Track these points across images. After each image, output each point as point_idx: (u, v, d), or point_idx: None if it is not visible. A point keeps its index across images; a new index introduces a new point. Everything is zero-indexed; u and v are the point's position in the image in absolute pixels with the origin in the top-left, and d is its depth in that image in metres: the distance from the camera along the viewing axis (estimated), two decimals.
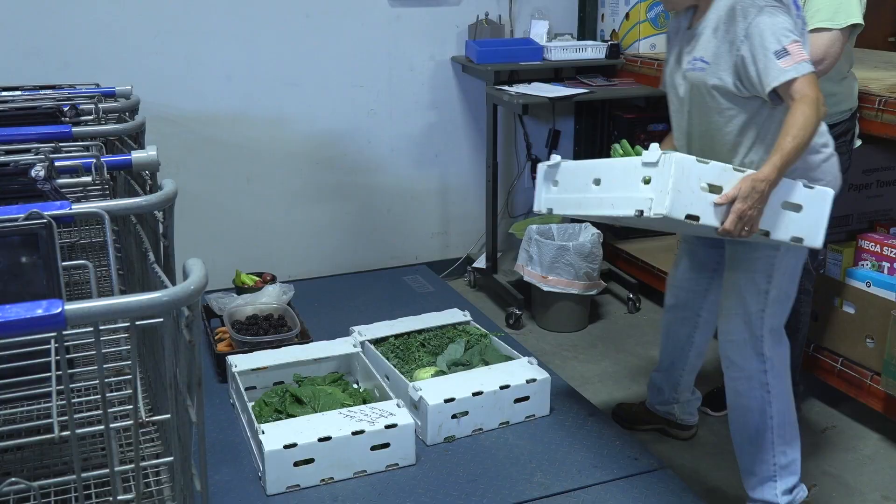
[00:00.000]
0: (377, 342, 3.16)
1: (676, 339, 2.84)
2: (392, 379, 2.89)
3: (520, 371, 2.89)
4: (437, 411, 2.70)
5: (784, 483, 2.45)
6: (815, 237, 2.19)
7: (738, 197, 2.05)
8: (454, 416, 2.74)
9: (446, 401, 2.72)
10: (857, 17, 2.57)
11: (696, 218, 2.07)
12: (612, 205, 2.22)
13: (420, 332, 3.24)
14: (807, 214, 2.17)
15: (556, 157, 2.50)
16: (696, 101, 2.34)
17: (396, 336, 3.21)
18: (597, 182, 2.30)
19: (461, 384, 2.79)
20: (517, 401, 2.83)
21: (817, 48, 2.50)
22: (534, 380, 2.85)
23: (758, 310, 2.35)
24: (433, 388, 2.76)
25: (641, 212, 2.10)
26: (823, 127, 2.31)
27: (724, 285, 2.45)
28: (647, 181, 2.11)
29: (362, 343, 3.12)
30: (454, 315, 3.36)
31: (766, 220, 2.12)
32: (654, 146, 2.13)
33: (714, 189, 2.09)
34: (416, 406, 2.73)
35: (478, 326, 3.29)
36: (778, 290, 2.35)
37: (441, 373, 2.93)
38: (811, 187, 2.18)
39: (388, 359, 3.01)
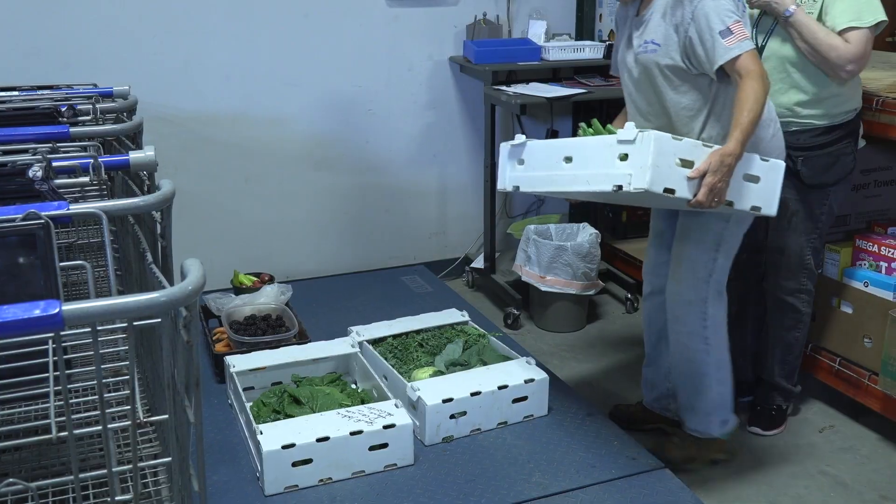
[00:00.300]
0: (375, 342, 3.15)
1: (658, 327, 2.89)
2: (390, 379, 2.88)
3: (518, 371, 2.89)
4: (435, 411, 2.70)
5: (719, 416, 2.73)
6: (771, 206, 2.38)
7: (708, 171, 2.22)
8: (452, 417, 2.74)
9: (444, 401, 2.71)
10: (882, 14, 2.62)
11: (673, 191, 2.22)
12: (588, 181, 2.34)
13: (418, 332, 3.24)
14: (764, 185, 2.36)
15: (520, 137, 2.62)
16: (651, 82, 2.50)
17: (394, 336, 3.20)
18: (568, 160, 2.42)
19: (459, 384, 2.79)
20: (515, 401, 2.83)
21: (852, 48, 2.58)
22: (532, 380, 2.85)
23: (706, 275, 2.58)
24: (431, 388, 2.76)
25: (620, 186, 2.22)
26: (771, 104, 2.51)
27: (674, 252, 2.63)
28: (623, 158, 2.23)
29: (360, 343, 3.12)
30: (452, 315, 3.36)
31: (730, 191, 2.28)
32: (630, 125, 2.26)
33: (686, 164, 2.23)
34: (414, 406, 2.73)
35: (476, 326, 3.29)
36: (724, 257, 2.57)
37: (439, 373, 2.93)
38: (766, 160, 2.37)
39: (386, 359, 3.01)
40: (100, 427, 1.14)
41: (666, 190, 2.21)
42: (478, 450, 2.70)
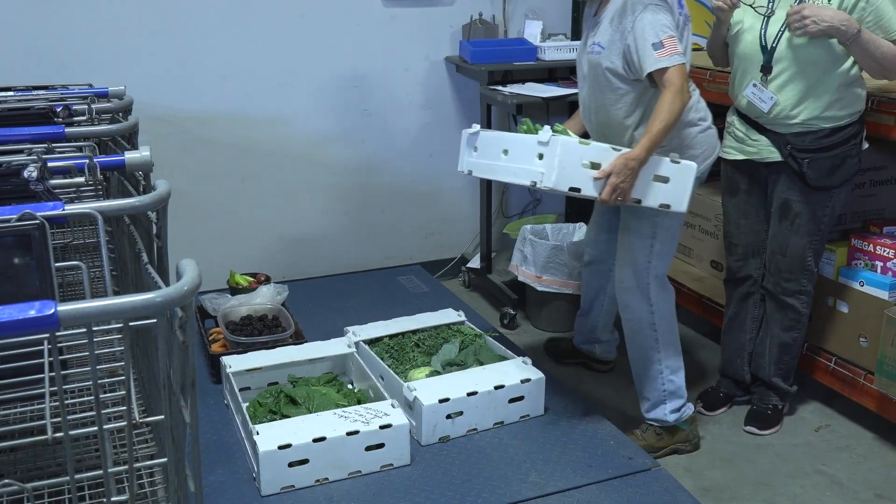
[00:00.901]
0: (371, 342, 3.16)
1: (593, 290, 3.29)
2: (386, 379, 2.89)
3: (514, 371, 2.89)
4: (431, 411, 2.70)
5: (672, 404, 2.86)
6: (681, 204, 2.60)
7: (612, 172, 2.46)
8: (449, 417, 2.74)
9: (441, 401, 2.72)
10: None
11: (578, 190, 2.48)
12: (515, 174, 2.61)
13: (414, 332, 3.24)
14: (674, 185, 2.57)
15: (475, 127, 2.83)
16: (595, 80, 2.72)
17: (391, 336, 3.21)
18: (505, 152, 2.68)
19: (456, 384, 2.80)
20: (512, 401, 2.83)
21: None
22: (528, 380, 2.85)
23: (644, 261, 2.78)
24: (428, 388, 2.76)
25: (535, 182, 2.50)
26: (702, 104, 2.76)
27: (619, 243, 2.86)
28: (540, 157, 2.50)
29: (356, 343, 3.12)
30: (448, 315, 3.36)
31: (638, 189, 2.53)
32: (547, 128, 2.51)
33: (595, 166, 2.48)
34: (410, 406, 2.73)
35: (472, 326, 3.29)
36: (661, 245, 2.77)
37: (435, 373, 2.93)
38: (677, 162, 2.57)
39: (382, 359, 3.01)
40: (95, 428, 1.14)
41: (571, 189, 2.48)
42: (474, 449, 2.70)
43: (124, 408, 1.18)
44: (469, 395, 2.76)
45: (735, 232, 3.06)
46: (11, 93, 2.40)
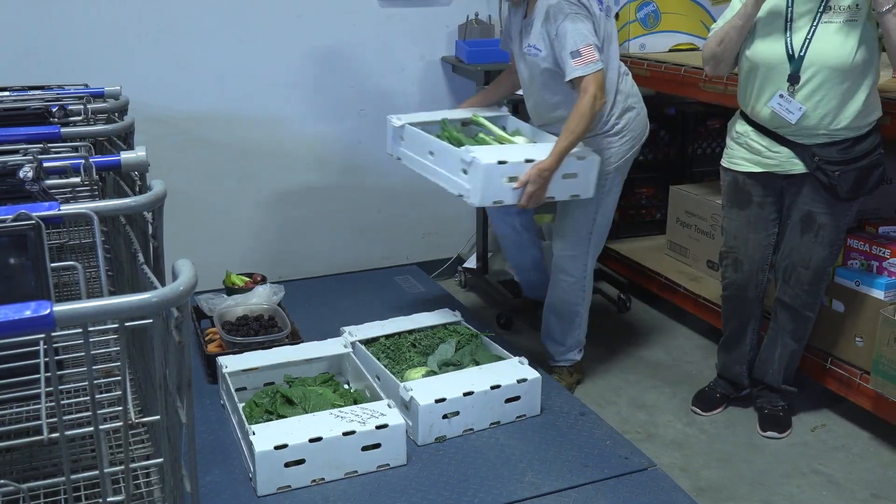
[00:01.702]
0: (368, 342, 3.15)
1: (518, 257, 3.65)
2: (383, 379, 2.89)
3: (510, 371, 2.89)
4: (428, 411, 2.70)
5: (578, 349, 3.32)
6: (588, 191, 2.92)
7: (528, 182, 2.76)
8: (445, 417, 2.74)
9: (437, 401, 2.72)
10: None
11: (501, 202, 2.81)
12: (443, 180, 2.92)
13: (411, 332, 3.24)
14: (581, 178, 2.88)
15: (400, 119, 3.17)
16: (535, 79, 3.00)
17: (387, 336, 3.21)
18: (431, 153, 2.97)
19: (452, 384, 2.80)
20: (508, 401, 2.83)
21: None
22: (524, 380, 2.85)
23: (587, 232, 3.10)
24: (424, 388, 2.76)
25: (462, 196, 2.82)
26: (635, 89, 3.06)
27: (559, 214, 3.14)
28: (465, 171, 2.78)
29: (353, 343, 3.12)
30: (445, 315, 3.36)
31: (551, 189, 2.82)
32: (466, 149, 2.79)
33: (513, 179, 2.77)
34: (406, 406, 2.73)
35: (468, 326, 3.29)
36: (602, 216, 3.09)
37: (432, 373, 2.93)
38: (583, 157, 2.86)
39: (378, 359, 3.01)
40: (91, 428, 1.14)
41: (495, 202, 2.81)
42: (471, 450, 2.70)
43: (120, 408, 1.18)
44: (465, 395, 2.76)
45: (742, 247, 2.95)
46: (7, 93, 2.39)
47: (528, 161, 2.78)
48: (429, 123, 3.24)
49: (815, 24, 2.58)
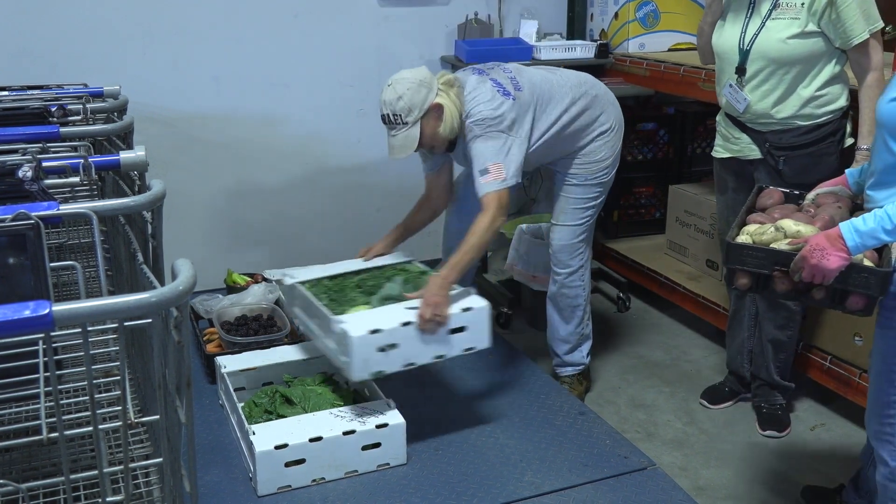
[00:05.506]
0: (309, 284, 2.90)
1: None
2: (320, 318, 2.69)
3: (455, 300, 2.69)
4: (362, 344, 2.50)
5: (586, 347, 3.30)
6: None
7: (426, 306, 2.55)
8: (382, 350, 2.53)
9: (371, 332, 2.51)
10: (880, 20, 2.62)
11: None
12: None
13: (357, 272, 3.01)
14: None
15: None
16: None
17: (330, 277, 2.96)
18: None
19: (390, 316, 2.59)
20: (453, 331, 2.63)
21: (872, 59, 2.60)
22: (469, 308, 2.67)
23: (580, 223, 3.12)
24: (357, 320, 2.56)
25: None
26: (607, 116, 3.04)
27: (557, 206, 3.15)
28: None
29: (291, 287, 2.91)
30: (396, 256, 3.16)
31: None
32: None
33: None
34: (342, 344, 2.54)
35: (420, 265, 3.07)
36: (594, 209, 3.15)
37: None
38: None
39: (319, 300, 2.76)
40: (91, 428, 1.14)
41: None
42: (470, 449, 2.70)
43: (119, 408, 1.18)
44: (403, 325, 2.56)
45: (726, 230, 3.04)
46: (6, 92, 2.40)
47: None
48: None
49: (765, 19, 2.71)
